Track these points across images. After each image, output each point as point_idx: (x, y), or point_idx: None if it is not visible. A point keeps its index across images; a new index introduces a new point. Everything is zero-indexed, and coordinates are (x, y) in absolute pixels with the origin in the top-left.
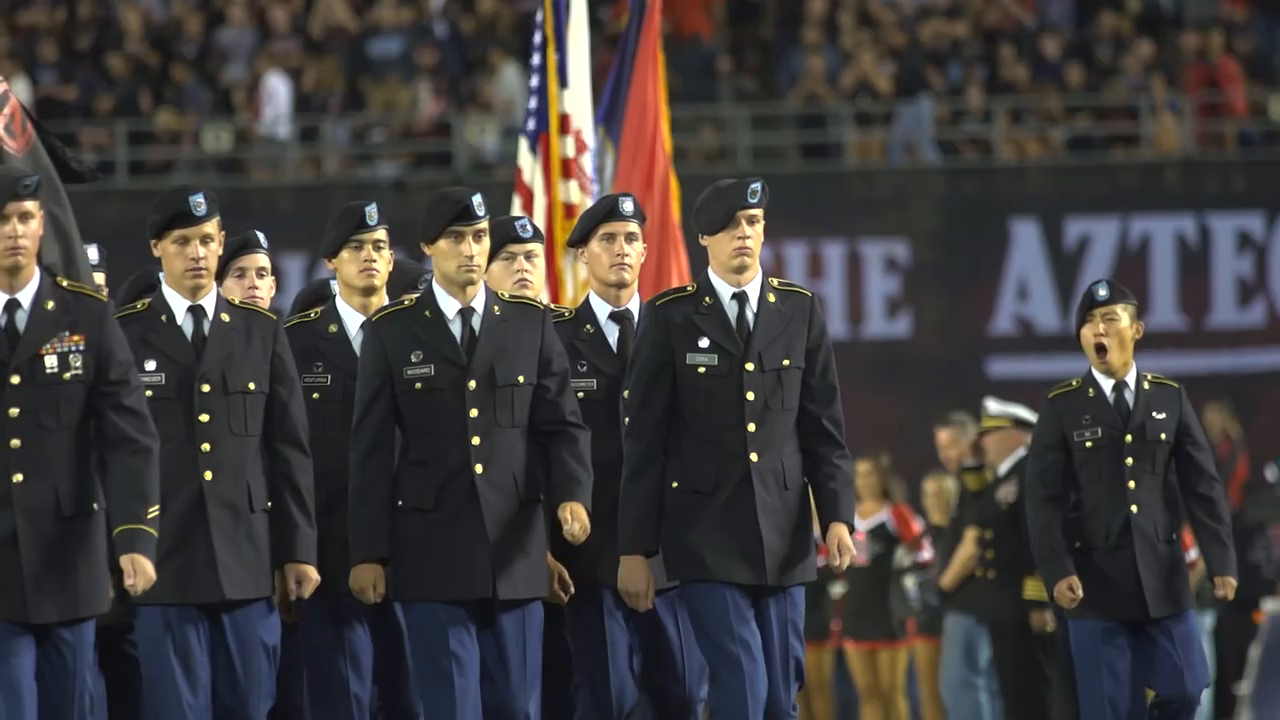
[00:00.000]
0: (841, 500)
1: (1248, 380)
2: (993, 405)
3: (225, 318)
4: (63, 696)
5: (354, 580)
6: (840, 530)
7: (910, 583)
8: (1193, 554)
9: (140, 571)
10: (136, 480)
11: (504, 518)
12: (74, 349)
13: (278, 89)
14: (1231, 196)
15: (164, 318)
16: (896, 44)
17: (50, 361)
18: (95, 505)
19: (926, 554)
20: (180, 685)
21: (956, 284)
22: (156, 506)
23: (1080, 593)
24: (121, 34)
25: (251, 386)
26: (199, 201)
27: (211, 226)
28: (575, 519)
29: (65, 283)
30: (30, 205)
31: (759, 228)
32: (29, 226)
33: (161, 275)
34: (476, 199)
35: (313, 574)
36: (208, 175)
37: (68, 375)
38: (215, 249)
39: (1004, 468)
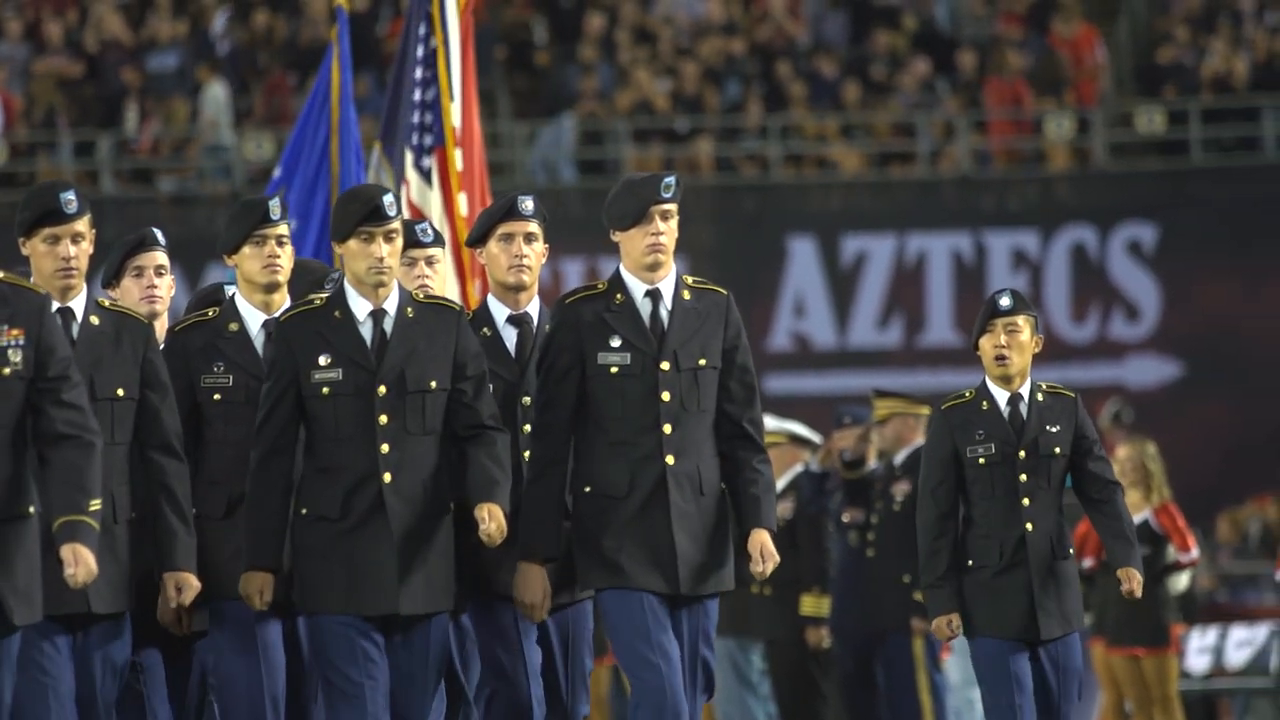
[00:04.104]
0: (763, 505)
1: None
2: (769, 421)
3: (95, 320)
4: None
5: (242, 586)
6: (763, 536)
7: None
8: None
9: (81, 561)
10: (78, 474)
11: (412, 530)
12: (13, 343)
13: None
14: (1007, 214)
15: None
16: (672, 61)
17: None
18: (31, 509)
19: None
20: (51, 705)
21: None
22: (98, 500)
23: (959, 630)
24: None
25: (120, 393)
26: (69, 199)
27: (83, 224)
28: (492, 519)
29: (2, 274)
30: None
31: (673, 223)
32: None
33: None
34: (388, 198)
35: (193, 581)
36: None
37: (7, 370)
38: (86, 248)
39: (780, 484)
